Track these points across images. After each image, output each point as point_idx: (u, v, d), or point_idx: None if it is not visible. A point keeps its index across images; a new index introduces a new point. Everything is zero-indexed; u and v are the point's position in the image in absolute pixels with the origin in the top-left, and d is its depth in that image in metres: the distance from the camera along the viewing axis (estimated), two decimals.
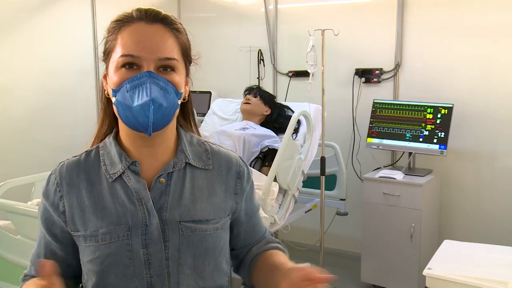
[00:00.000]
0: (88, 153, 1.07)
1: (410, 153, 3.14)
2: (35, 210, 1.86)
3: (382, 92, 3.39)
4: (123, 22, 0.98)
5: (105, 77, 1.03)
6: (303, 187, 2.98)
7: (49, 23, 3.09)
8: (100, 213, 1.00)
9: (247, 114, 3.02)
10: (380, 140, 3.18)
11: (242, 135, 2.78)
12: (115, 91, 0.96)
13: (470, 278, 1.79)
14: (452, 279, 1.82)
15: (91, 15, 3.31)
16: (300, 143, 2.83)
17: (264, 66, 3.82)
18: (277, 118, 3.01)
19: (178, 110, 1.05)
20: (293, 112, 2.99)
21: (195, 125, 1.16)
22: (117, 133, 1.07)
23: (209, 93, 3.78)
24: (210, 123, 3.27)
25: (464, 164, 3.18)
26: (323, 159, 2.78)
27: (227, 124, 3.11)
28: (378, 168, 3.21)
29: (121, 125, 1.03)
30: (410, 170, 3.14)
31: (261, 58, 3.81)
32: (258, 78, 3.82)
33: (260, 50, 3.81)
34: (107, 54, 1.01)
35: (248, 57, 3.87)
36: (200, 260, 1.01)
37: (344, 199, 3.22)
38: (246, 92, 3.10)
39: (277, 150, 2.50)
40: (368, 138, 3.22)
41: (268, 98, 3.05)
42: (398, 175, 2.98)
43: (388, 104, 3.17)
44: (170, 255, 0.99)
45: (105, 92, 1.03)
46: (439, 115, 3.00)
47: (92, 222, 1.00)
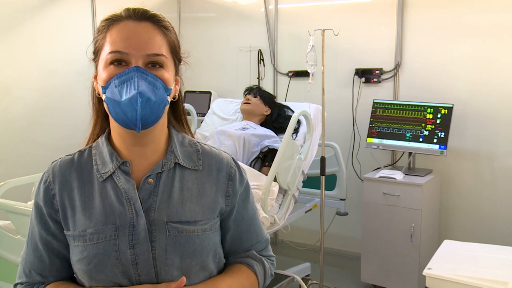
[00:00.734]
0: (81, 153, 1.07)
1: (410, 153, 3.14)
2: None
3: (382, 92, 3.39)
4: (112, 21, 1.00)
5: (96, 78, 1.04)
6: (303, 187, 2.98)
7: (49, 23, 3.09)
8: (89, 213, 1.00)
9: (247, 114, 3.02)
10: (380, 140, 3.18)
11: (242, 135, 2.78)
12: (105, 88, 0.97)
13: (470, 278, 1.79)
14: (452, 279, 1.81)
15: (91, 15, 3.31)
16: (300, 143, 2.83)
17: (264, 66, 3.83)
18: (277, 118, 3.01)
19: (169, 110, 1.05)
20: (293, 112, 2.99)
21: (187, 126, 1.16)
22: (109, 133, 1.07)
23: (209, 93, 3.78)
24: (210, 123, 3.27)
25: (464, 164, 3.18)
26: (323, 159, 2.78)
27: (227, 124, 3.11)
28: (378, 168, 3.21)
29: (112, 125, 1.04)
30: (410, 170, 3.14)
31: (261, 58, 3.81)
32: (258, 78, 3.82)
33: (260, 50, 3.81)
34: (96, 53, 1.03)
35: (248, 57, 3.87)
36: (187, 261, 1.00)
37: (344, 199, 3.22)
38: (246, 92, 3.10)
39: (277, 150, 2.50)
40: (368, 138, 3.22)
41: (268, 98, 3.05)
42: (398, 175, 2.98)
43: (388, 104, 3.17)
44: (157, 256, 0.98)
45: (96, 92, 1.04)
46: (439, 115, 3.00)
47: (81, 222, 1.00)
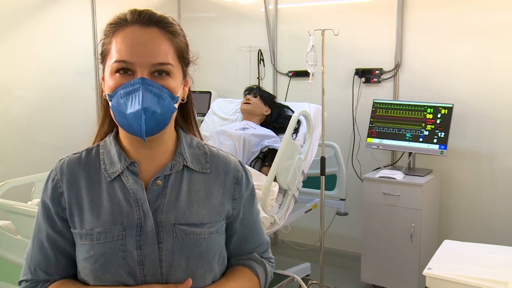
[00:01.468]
0: (89, 151, 1.07)
1: (410, 153, 3.14)
2: (35, 210, 1.86)
3: (382, 92, 3.39)
4: (118, 26, 0.98)
5: (103, 79, 1.03)
6: (303, 187, 2.98)
7: (49, 23, 3.09)
8: (96, 212, 1.00)
9: (247, 114, 3.02)
10: (380, 140, 3.18)
11: (242, 135, 2.78)
12: (111, 96, 0.97)
13: (470, 278, 1.79)
14: (452, 279, 1.81)
15: (91, 15, 3.31)
16: (300, 143, 2.83)
17: (264, 66, 3.83)
18: (277, 118, 3.01)
19: (177, 112, 1.04)
20: (293, 112, 2.99)
21: (196, 126, 1.15)
22: (117, 133, 1.07)
23: (209, 93, 3.78)
24: (210, 123, 3.27)
25: (464, 164, 3.18)
26: (323, 159, 2.78)
27: (227, 124, 3.11)
28: (378, 168, 3.21)
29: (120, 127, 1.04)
30: (410, 170, 3.14)
31: (261, 58, 3.81)
32: (258, 78, 3.82)
33: (260, 50, 3.81)
34: (103, 57, 1.01)
35: (248, 57, 3.87)
36: (193, 263, 1.00)
37: (344, 199, 3.22)
38: (246, 92, 3.10)
39: (277, 150, 2.50)
40: (368, 138, 3.22)
41: (268, 98, 3.05)
42: (398, 175, 2.98)
43: (388, 104, 3.17)
44: (164, 257, 0.98)
45: (104, 94, 1.03)
46: (439, 115, 3.00)
47: (88, 221, 1.00)
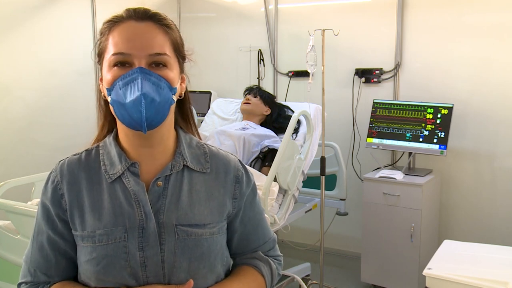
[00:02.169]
0: (89, 152, 1.07)
1: (410, 153, 3.14)
2: (35, 210, 1.86)
3: (382, 92, 3.39)
4: (114, 23, 0.99)
5: (101, 80, 1.03)
6: (303, 187, 2.98)
7: (49, 23, 3.09)
8: (98, 214, 1.00)
9: (247, 114, 3.02)
10: (380, 140, 3.18)
11: (242, 135, 2.78)
12: (109, 90, 0.97)
13: (470, 278, 1.79)
14: (452, 279, 1.81)
15: (91, 15, 3.31)
16: (300, 143, 2.83)
17: (264, 66, 3.83)
18: (277, 118, 3.01)
19: (175, 109, 1.05)
20: (293, 112, 2.99)
21: (195, 126, 1.15)
22: (117, 133, 1.06)
23: (209, 93, 3.78)
24: (210, 123, 3.27)
25: (464, 164, 3.18)
26: (323, 159, 2.78)
27: (227, 124, 3.11)
28: (378, 168, 3.21)
29: (120, 126, 1.03)
30: (410, 170, 3.14)
31: (261, 58, 3.81)
32: (258, 78, 3.82)
33: (260, 50, 3.81)
34: (100, 56, 1.02)
35: (248, 57, 3.87)
36: (195, 264, 1.00)
37: (344, 199, 3.22)
38: (246, 92, 3.10)
39: (277, 150, 2.50)
40: (368, 138, 3.22)
41: (268, 98, 3.05)
42: (398, 175, 2.98)
43: (388, 104, 3.17)
44: (166, 259, 0.98)
45: (102, 94, 1.04)
46: (439, 115, 3.00)
47: (90, 223, 0.99)
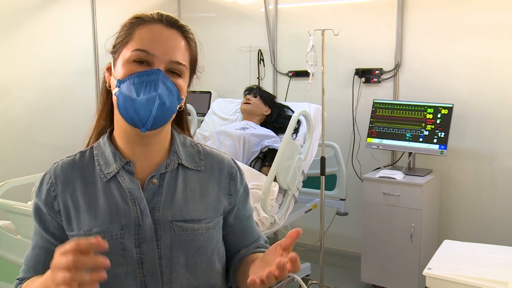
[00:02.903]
0: (83, 153, 1.08)
1: (410, 153, 3.14)
2: None
3: (382, 92, 3.39)
4: (143, 20, 1.01)
5: (108, 70, 1.04)
6: (303, 187, 2.98)
7: (49, 23, 3.09)
8: (94, 213, 1.00)
9: (247, 114, 3.02)
10: (380, 140, 3.18)
11: (242, 135, 2.78)
12: (120, 82, 0.97)
13: (470, 278, 1.79)
14: (452, 279, 1.82)
15: (91, 15, 3.30)
16: (300, 143, 2.83)
17: (264, 66, 3.83)
18: (277, 118, 3.01)
19: (174, 116, 1.06)
20: (293, 112, 2.99)
21: (188, 130, 1.18)
22: (111, 133, 1.08)
23: (209, 93, 3.78)
24: (210, 123, 3.27)
25: (464, 164, 3.18)
26: (323, 159, 2.78)
27: (227, 124, 3.11)
28: (378, 168, 3.21)
29: (118, 122, 1.04)
30: (410, 170, 3.14)
31: (261, 58, 3.81)
32: (258, 78, 3.82)
33: (260, 50, 3.81)
34: (119, 47, 1.02)
35: (248, 57, 3.87)
36: (193, 259, 1.02)
37: (344, 199, 3.22)
38: (246, 92, 3.10)
39: (277, 150, 2.50)
40: (368, 138, 3.22)
41: (268, 98, 3.05)
42: (398, 175, 2.98)
43: (388, 104, 3.17)
44: (163, 254, 1.00)
45: (107, 84, 1.04)
46: (439, 115, 3.00)
47: (85, 222, 1.00)
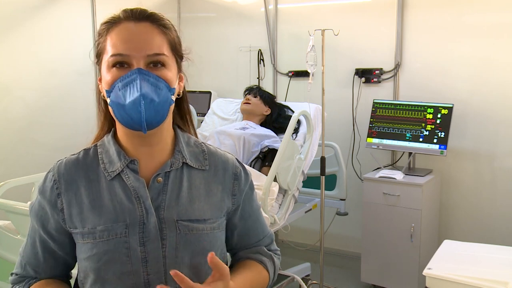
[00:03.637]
0: (87, 151, 1.08)
1: (410, 153, 3.14)
2: None
3: (382, 92, 3.39)
4: (111, 24, 1.00)
5: (100, 80, 1.04)
6: (303, 187, 2.98)
7: (49, 23, 3.09)
8: (98, 211, 1.00)
9: (247, 114, 3.02)
10: (380, 140, 3.18)
11: (242, 135, 2.78)
12: (109, 92, 0.98)
13: (470, 278, 1.79)
14: (452, 279, 1.82)
15: (91, 15, 3.31)
16: (300, 143, 2.83)
17: (264, 66, 3.82)
18: (277, 118, 3.01)
19: (174, 108, 1.06)
20: (293, 112, 2.99)
21: (192, 125, 1.17)
22: (115, 132, 1.08)
23: (209, 93, 3.78)
24: (210, 123, 3.27)
25: (464, 164, 3.18)
26: (323, 159, 2.78)
27: (227, 124, 3.11)
28: (378, 168, 3.21)
29: (119, 125, 1.04)
30: (410, 170, 3.14)
31: (261, 58, 3.81)
32: (258, 78, 3.82)
33: (260, 50, 3.81)
34: (99, 56, 1.03)
35: (248, 57, 3.87)
36: (197, 259, 1.02)
37: (344, 199, 3.22)
38: (246, 92, 3.10)
39: (277, 150, 2.50)
40: (368, 138, 3.22)
41: (268, 98, 3.05)
42: (398, 175, 2.98)
43: (388, 104, 3.17)
44: (167, 254, 0.99)
45: (102, 95, 1.05)
46: (439, 115, 3.00)
47: (90, 219, 1.00)
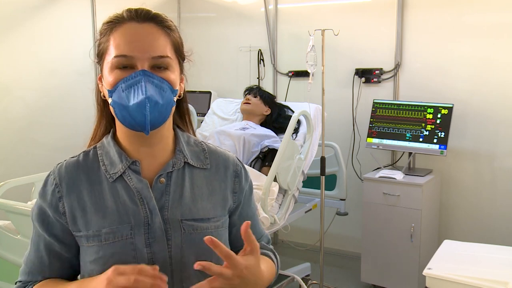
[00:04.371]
0: (86, 154, 1.07)
1: (410, 153, 3.14)
2: None
3: (382, 92, 3.39)
4: (114, 23, 0.99)
5: (101, 79, 1.03)
6: (303, 187, 2.98)
7: (49, 23, 3.09)
8: (102, 213, 1.00)
9: (247, 114, 3.02)
10: (380, 140, 3.18)
11: (242, 135, 2.78)
12: (111, 92, 0.97)
13: (470, 278, 1.79)
14: (452, 279, 1.82)
15: (91, 15, 3.31)
16: (300, 143, 2.83)
17: (264, 66, 3.82)
18: (277, 118, 3.01)
19: (174, 108, 1.05)
20: (293, 112, 2.99)
21: (191, 124, 1.16)
22: (115, 133, 1.07)
23: (209, 93, 3.78)
24: (210, 123, 3.27)
25: (464, 164, 3.18)
26: (323, 159, 2.78)
27: (227, 124, 3.11)
28: (378, 168, 3.21)
29: (119, 127, 1.04)
30: (410, 170, 3.14)
31: (261, 58, 3.81)
32: (258, 78, 3.82)
33: (260, 50, 3.81)
34: (101, 56, 1.02)
35: (248, 57, 3.87)
36: (203, 258, 1.00)
37: (344, 199, 3.22)
38: (246, 92, 3.10)
39: (277, 150, 2.50)
40: (368, 138, 3.22)
41: (268, 98, 3.05)
42: (398, 175, 2.98)
43: (388, 104, 3.17)
44: (173, 254, 0.99)
45: (101, 94, 1.04)
46: (439, 115, 3.00)
47: (94, 222, 0.99)
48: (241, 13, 3.91)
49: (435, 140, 2.99)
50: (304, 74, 3.50)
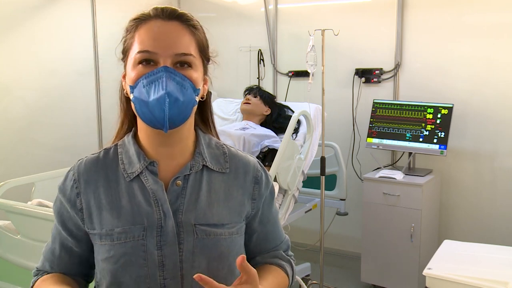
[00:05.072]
0: (107, 151, 1.06)
1: (410, 153, 3.14)
2: (35, 210, 1.86)
3: (382, 92, 3.39)
4: (140, 20, 1.00)
5: (124, 77, 1.03)
6: (303, 187, 2.98)
7: (49, 23, 3.09)
8: (116, 212, 0.99)
9: (247, 114, 3.02)
10: (380, 140, 3.18)
11: (242, 135, 2.78)
12: (133, 88, 0.97)
13: (470, 278, 1.79)
14: (452, 279, 1.82)
15: (91, 15, 3.30)
16: (300, 143, 2.83)
17: (264, 66, 3.83)
18: (277, 118, 3.01)
19: (196, 110, 1.04)
20: (293, 112, 2.99)
21: (214, 127, 1.15)
22: (136, 132, 1.06)
23: (209, 93, 3.77)
24: None
25: (464, 164, 3.18)
26: (323, 159, 2.78)
27: (227, 124, 3.11)
28: (378, 168, 3.21)
29: (140, 124, 1.03)
30: (410, 170, 3.14)
31: (261, 58, 3.81)
32: (258, 78, 3.82)
33: (260, 50, 3.81)
34: (125, 53, 1.02)
35: (248, 57, 3.87)
36: (214, 264, 1.00)
37: (344, 199, 3.22)
38: (246, 92, 3.10)
39: (277, 150, 2.50)
40: (368, 138, 3.22)
41: (268, 98, 3.05)
42: (398, 175, 2.98)
43: (388, 104, 3.18)
44: (184, 258, 0.98)
45: (124, 92, 1.04)
46: (439, 115, 3.00)
47: (108, 221, 0.99)
48: (241, 13, 3.91)
49: (435, 140, 2.99)
50: (304, 74, 3.50)
